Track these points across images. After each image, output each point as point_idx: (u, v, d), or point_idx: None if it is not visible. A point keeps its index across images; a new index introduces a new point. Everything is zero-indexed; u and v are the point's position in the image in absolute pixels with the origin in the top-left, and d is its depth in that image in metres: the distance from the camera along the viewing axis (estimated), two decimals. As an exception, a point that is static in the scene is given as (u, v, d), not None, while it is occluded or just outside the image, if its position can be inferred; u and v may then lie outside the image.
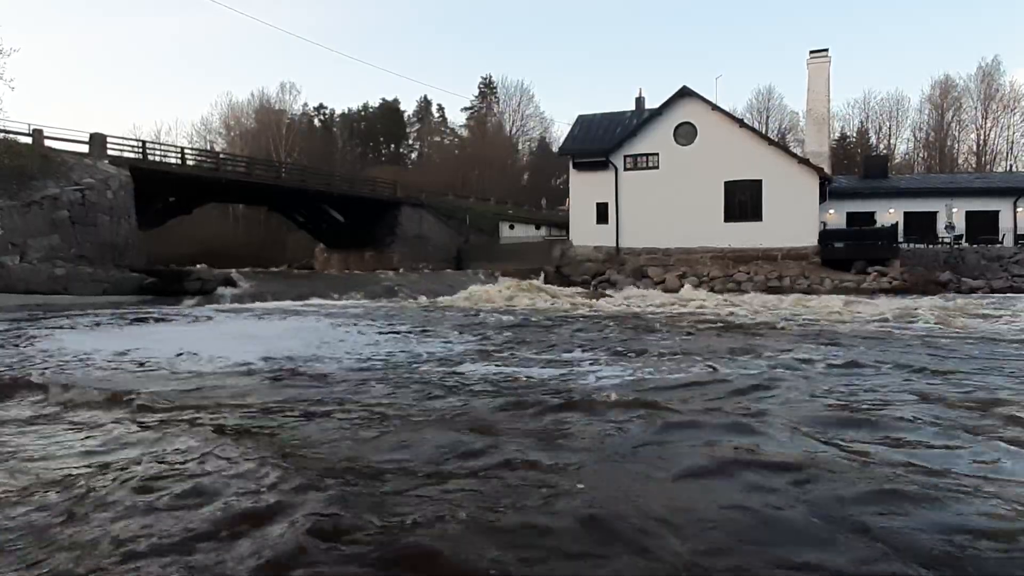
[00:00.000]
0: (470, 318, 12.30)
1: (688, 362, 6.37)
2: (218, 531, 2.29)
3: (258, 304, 15.40)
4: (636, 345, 7.89)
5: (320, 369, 6.01)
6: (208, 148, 49.36)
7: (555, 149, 48.64)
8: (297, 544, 2.15)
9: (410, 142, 71.86)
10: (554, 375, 5.70)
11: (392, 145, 69.38)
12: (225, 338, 8.68)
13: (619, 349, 7.55)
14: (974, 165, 48.73)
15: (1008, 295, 19.16)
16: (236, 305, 15.45)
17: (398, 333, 9.54)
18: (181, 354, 6.67)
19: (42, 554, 2.15)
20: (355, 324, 10.85)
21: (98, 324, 10.67)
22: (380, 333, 9.48)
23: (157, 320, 11.63)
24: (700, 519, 2.41)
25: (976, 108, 49.83)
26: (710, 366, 6.11)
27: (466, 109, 69.47)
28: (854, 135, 55.56)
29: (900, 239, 26.17)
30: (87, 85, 79.08)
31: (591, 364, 6.32)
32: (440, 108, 71.66)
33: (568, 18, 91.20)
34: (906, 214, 28.66)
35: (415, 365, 6.36)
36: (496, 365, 6.30)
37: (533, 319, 12.10)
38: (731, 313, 13.26)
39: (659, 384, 5.28)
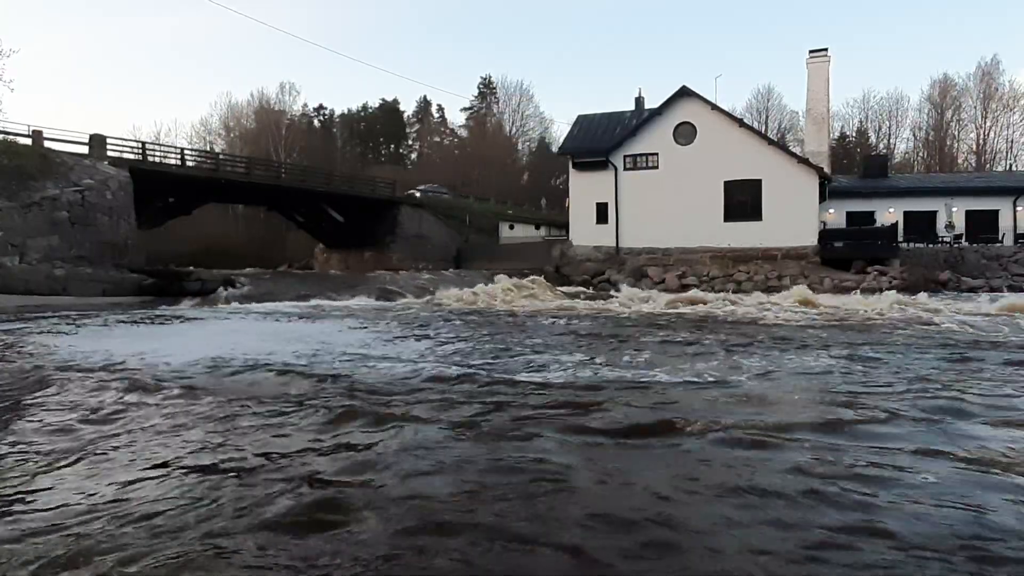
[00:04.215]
0: (463, 317, 12.28)
1: (634, 362, 6.79)
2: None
3: (256, 305, 15.38)
4: (603, 345, 8.21)
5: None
6: (208, 149, 49.33)
7: (555, 149, 48.60)
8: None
9: (410, 142, 71.87)
10: (510, 375, 5.99)
11: (392, 145, 69.37)
12: (197, 341, 8.82)
13: (584, 348, 7.85)
14: (974, 164, 48.64)
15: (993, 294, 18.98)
16: (236, 306, 15.44)
17: (384, 334, 9.58)
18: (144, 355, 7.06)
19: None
20: (347, 326, 10.85)
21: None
22: (383, 334, 9.51)
23: (151, 321, 11.64)
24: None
25: (976, 107, 49.74)
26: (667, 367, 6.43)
27: (466, 109, 69.56)
28: (854, 135, 55.49)
29: (900, 238, 26.13)
30: (87, 85, 79.22)
31: (551, 364, 6.63)
32: (440, 108, 71.80)
33: (568, 18, 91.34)
34: (906, 213, 28.62)
35: (372, 364, 6.59)
36: (467, 369, 6.42)
37: (527, 319, 12.09)
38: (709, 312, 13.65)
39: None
